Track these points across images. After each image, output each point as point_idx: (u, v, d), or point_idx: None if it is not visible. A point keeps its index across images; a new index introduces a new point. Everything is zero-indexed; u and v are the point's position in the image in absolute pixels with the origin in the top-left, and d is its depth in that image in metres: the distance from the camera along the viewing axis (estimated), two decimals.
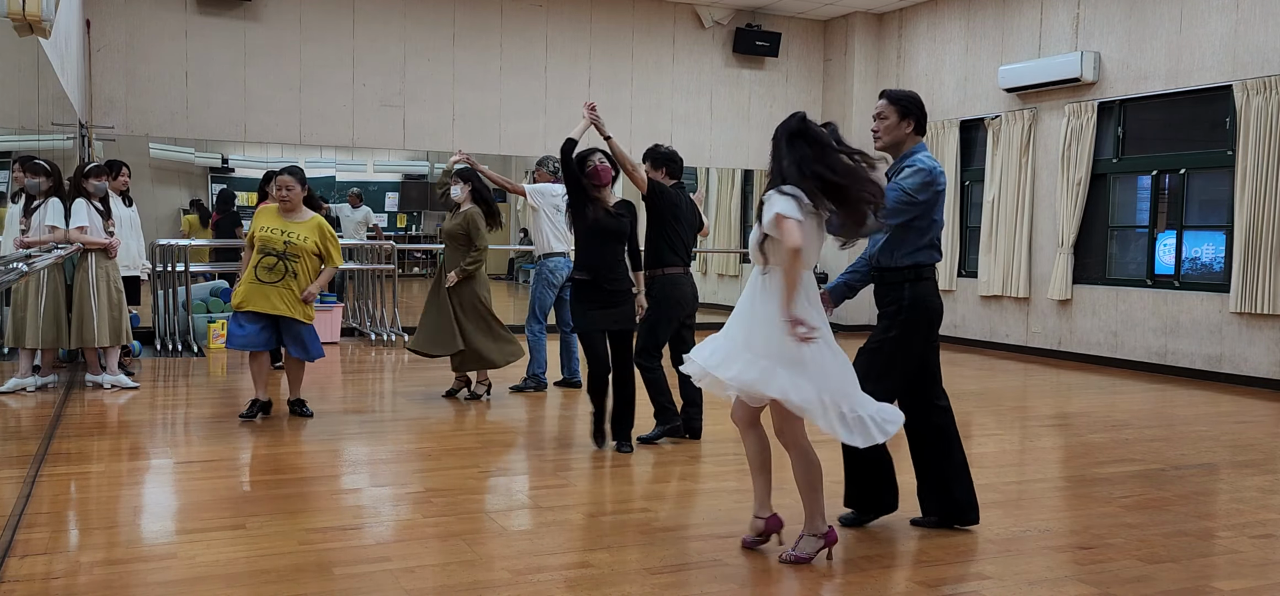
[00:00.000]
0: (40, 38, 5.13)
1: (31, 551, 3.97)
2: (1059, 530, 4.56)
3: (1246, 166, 9.06)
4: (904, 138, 4.37)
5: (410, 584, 3.66)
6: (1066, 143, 10.73)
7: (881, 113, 4.40)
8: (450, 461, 5.66)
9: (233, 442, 5.99)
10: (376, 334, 11.42)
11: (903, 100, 4.37)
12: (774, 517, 4.05)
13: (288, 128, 11.41)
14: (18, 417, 6.69)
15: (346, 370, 9.23)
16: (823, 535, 3.94)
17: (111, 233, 7.61)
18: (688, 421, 6.20)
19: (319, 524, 4.37)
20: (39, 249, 6.46)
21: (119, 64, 10.67)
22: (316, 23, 11.40)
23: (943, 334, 13.38)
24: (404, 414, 7.08)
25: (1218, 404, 8.21)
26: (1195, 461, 6.02)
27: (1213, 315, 9.49)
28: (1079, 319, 10.77)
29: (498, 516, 4.56)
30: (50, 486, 4.96)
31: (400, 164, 17.37)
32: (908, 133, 4.37)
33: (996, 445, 6.58)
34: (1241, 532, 4.58)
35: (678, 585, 3.70)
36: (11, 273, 4.30)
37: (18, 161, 6.79)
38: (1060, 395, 8.60)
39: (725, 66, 13.25)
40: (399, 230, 16.44)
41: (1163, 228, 10.17)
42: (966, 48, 12.09)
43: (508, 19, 12.19)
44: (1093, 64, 10.46)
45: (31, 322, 7.18)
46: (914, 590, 3.71)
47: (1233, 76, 9.29)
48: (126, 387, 7.72)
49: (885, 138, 4.40)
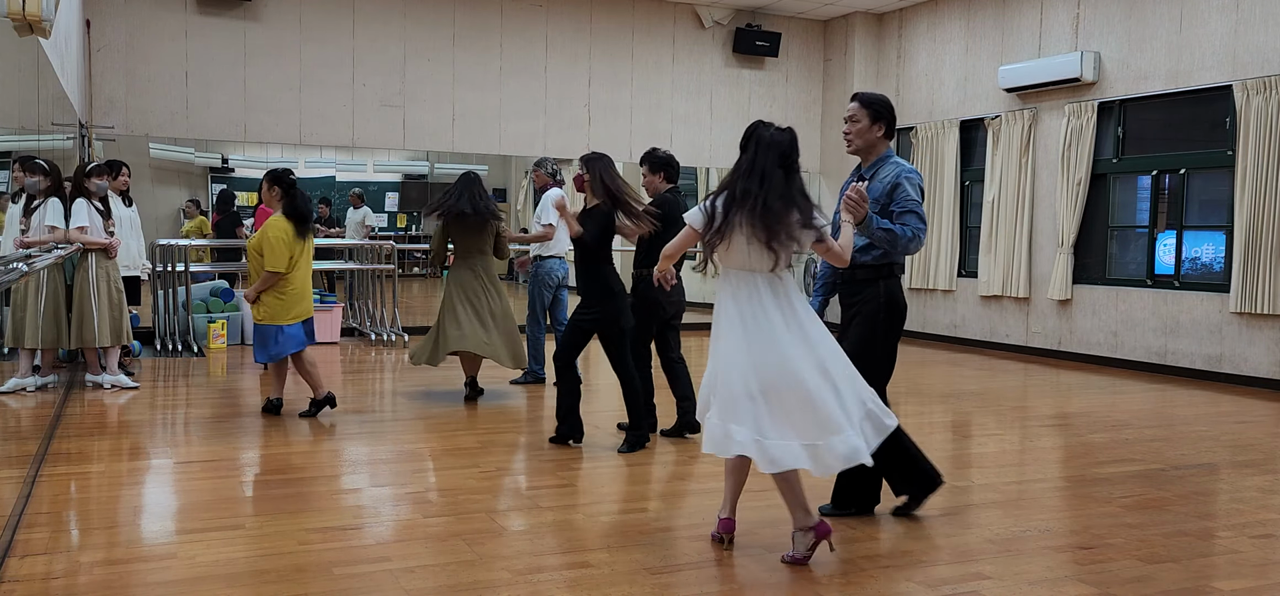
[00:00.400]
0: (40, 38, 5.13)
1: (31, 551, 3.97)
2: (1059, 530, 4.56)
3: (1246, 166, 9.06)
4: (875, 141, 4.43)
5: (410, 584, 3.66)
6: (1066, 143, 10.73)
7: (853, 115, 4.44)
8: (450, 461, 5.66)
9: (233, 442, 5.99)
10: (376, 334, 11.42)
11: (875, 103, 4.41)
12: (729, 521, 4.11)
13: (288, 128, 11.41)
14: (18, 417, 6.69)
15: (346, 370, 9.23)
16: (812, 528, 3.91)
17: (111, 232, 7.61)
18: (682, 416, 6.31)
19: (319, 524, 4.37)
20: (39, 249, 6.46)
21: (119, 64, 10.67)
22: (316, 23, 11.40)
23: (942, 334, 13.27)
24: (404, 414, 7.08)
25: (1218, 404, 8.21)
26: (1195, 461, 6.02)
27: (1213, 315, 9.49)
28: (1079, 319, 10.77)
29: (498, 516, 4.56)
30: (50, 486, 4.96)
31: (400, 164, 17.37)
32: (879, 137, 4.42)
33: (996, 445, 6.58)
34: (1241, 532, 4.58)
35: (678, 585, 3.70)
36: (12, 273, 4.30)
37: (17, 161, 6.79)
38: (1060, 395, 8.60)
39: (725, 66, 13.25)
40: (399, 230, 16.44)
41: (1163, 228, 10.17)
42: (966, 48, 12.09)
43: (508, 19, 12.19)
44: (1093, 64, 10.46)
45: (31, 322, 7.18)
46: (914, 590, 3.71)
47: (1233, 76, 9.29)
48: (126, 387, 7.72)
49: (857, 141, 4.44)
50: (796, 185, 3.91)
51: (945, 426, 7.35)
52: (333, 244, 12.80)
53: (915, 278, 12.68)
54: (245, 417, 6.76)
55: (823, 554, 4.01)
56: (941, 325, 12.45)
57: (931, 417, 7.68)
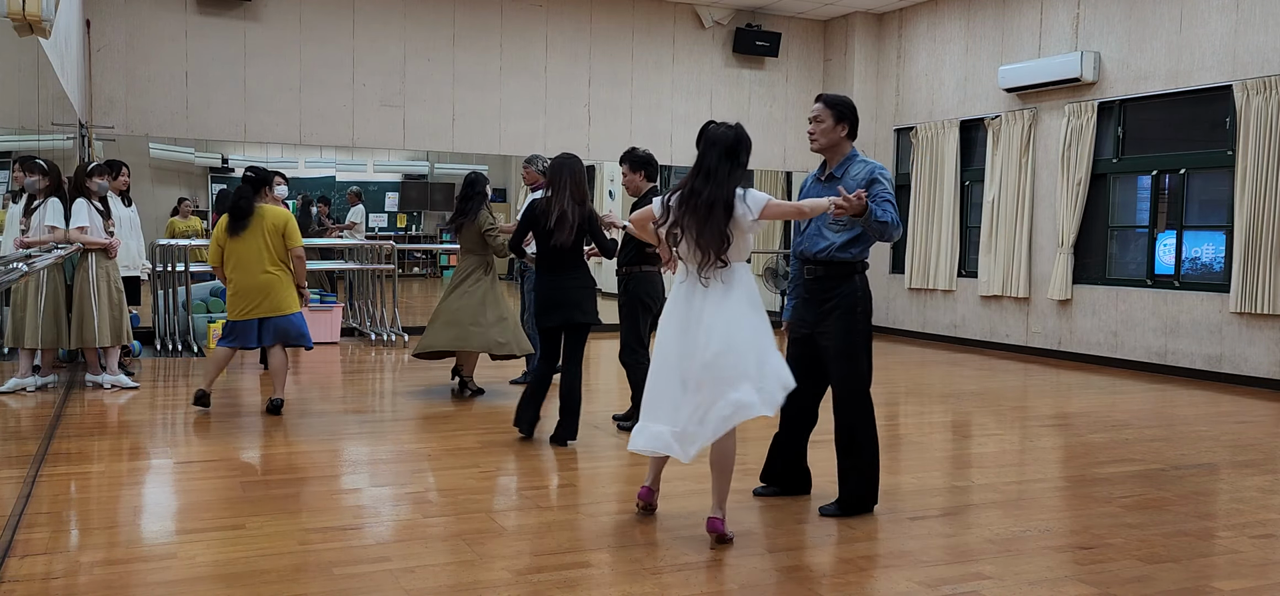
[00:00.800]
0: (40, 38, 5.13)
1: (31, 551, 3.97)
2: (1059, 530, 4.56)
3: (1246, 166, 9.06)
4: (839, 141, 4.58)
5: (410, 584, 3.66)
6: (1066, 143, 10.73)
7: (818, 115, 4.58)
8: (450, 461, 5.66)
9: (233, 442, 5.99)
10: (376, 334, 11.42)
11: (838, 104, 4.57)
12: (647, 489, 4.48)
13: (288, 128, 11.41)
14: (18, 417, 6.69)
15: (346, 370, 9.23)
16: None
17: (111, 232, 7.61)
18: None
19: (319, 524, 4.37)
20: (39, 249, 6.46)
21: (119, 64, 10.67)
22: (316, 23, 11.41)
23: (942, 334, 13.28)
24: (404, 414, 7.09)
25: (1218, 404, 8.21)
26: (1195, 461, 6.02)
27: (1213, 315, 9.49)
28: (1079, 319, 10.77)
29: (498, 516, 4.56)
30: (50, 486, 4.96)
31: (400, 164, 17.35)
32: (842, 137, 4.57)
33: (996, 445, 6.58)
34: (1241, 532, 4.58)
35: (678, 585, 3.70)
36: (12, 273, 4.30)
37: (17, 161, 6.79)
38: (1060, 395, 8.60)
39: (725, 66, 13.25)
40: (399, 230, 16.43)
41: (1163, 228, 10.17)
42: (966, 48, 12.09)
43: (508, 19, 12.19)
44: (1093, 64, 10.46)
45: (31, 322, 7.18)
46: (914, 590, 3.71)
47: (1233, 76, 9.29)
48: (126, 387, 7.72)
49: (821, 140, 4.59)
50: (736, 179, 4.14)
51: (945, 426, 7.35)
52: (331, 244, 12.80)
53: (915, 278, 12.69)
54: (245, 417, 6.76)
55: (823, 553, 4.01)
56: (941, 325, 12.45)
57: (931, 417, 7.69)
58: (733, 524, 4.37)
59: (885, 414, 7.74)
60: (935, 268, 12.42)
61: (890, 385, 9.08)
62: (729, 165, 4.12)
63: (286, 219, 6.79)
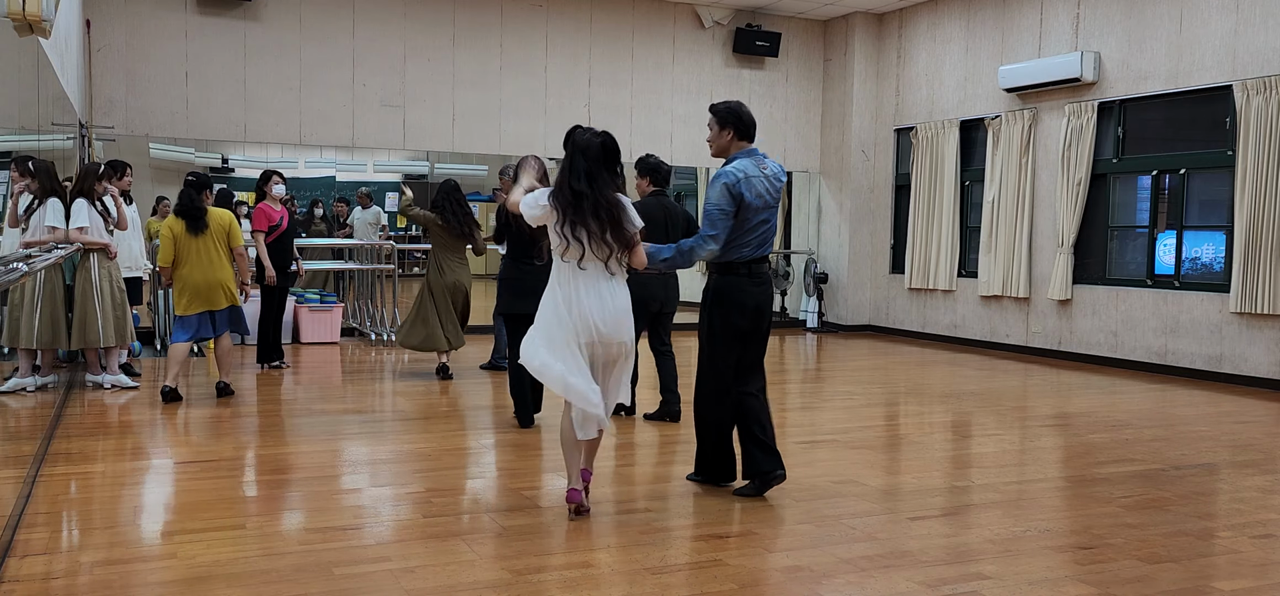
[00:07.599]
0: (40, 38, 5.13)
1: (31, 551, 3.97)
2: (1059, 530, 4.56)
3: (1246, 166, 9.06)
4: (728, 144, 4.92)
5: (410, 584, 3.66)
6: (1066, 143, 10.73)
7: (709, 124, 4.96)
8: (450, 461, 5.66)
9: (233, 442, 5.99)
10: (376, 334, 11.42)
11: (720, 111, 4.90)
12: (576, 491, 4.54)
13: (288, 128, 11.41)
14: (18, 417, 6.69)
15: (346, 370, 9.23)
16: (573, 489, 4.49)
17: (111, 233, 7.61)
18: (666, 405, 6.73)
19: (319, 524, 4.37)
20: (39, 249, 6.45)
21: (119, 64, 10.67)
22: (316, 23, 11.40)
23: (942, 334, 13.24)
24: (404, 414, 7.09)
25: (1218, 404, 8.21)
26: (1195, 461, 6.02)
27: (1213, 315, 9.49)
28: (1079, 319, 10.77)
29: (498, 516, 4.56)
30: (50, 486, 4.96)
31: (400, 164, 17.36)
32: (730, 139, 4.89)
33: (996, 445, 6.58)
34: (1241, 532, 4.58)
35: (678, 585, 3.70)
36: (12, 273, 4.30)
37: (15, 162, 6.79)
38: (1060, 395, 8.60)
39: (725, 67, 13.25)
40: (399, 230, 16.43)
41: (1163, 228, 10.17)
42: (966, 48, 12.09)
43: (508, 19, 12.19)
44: (1093, 64, 10.46)
45: (26, 323, 7.17)
46: (914, 590, 3.71)
47: (1233, 76, 9.29)
48: (126, 387, 7.72)
49: (713, 147, 4.94)
50: (616, 186, 4.43)
51: (945, 426, 7.35)
52: (339, 244, 12.79)
53: (915, 278, 12.68)
54: (245, 417, 6.77)
55: (823, 553, 4.01)
56: (941, 325, 12.45)
57: (932, 417, 7.68)
58: (732, 522, 4.38)
59: (886, 414, 7.75)
60: (935, 268, 12.42)
61: (890, 385, 9.08)
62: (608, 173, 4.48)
63: (231, 220, 7.41)
